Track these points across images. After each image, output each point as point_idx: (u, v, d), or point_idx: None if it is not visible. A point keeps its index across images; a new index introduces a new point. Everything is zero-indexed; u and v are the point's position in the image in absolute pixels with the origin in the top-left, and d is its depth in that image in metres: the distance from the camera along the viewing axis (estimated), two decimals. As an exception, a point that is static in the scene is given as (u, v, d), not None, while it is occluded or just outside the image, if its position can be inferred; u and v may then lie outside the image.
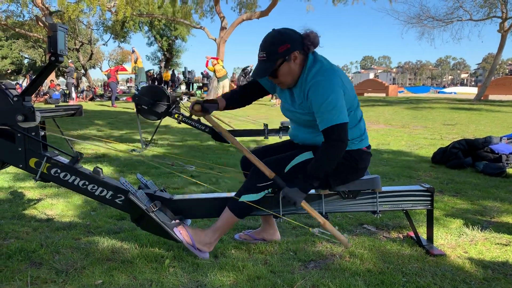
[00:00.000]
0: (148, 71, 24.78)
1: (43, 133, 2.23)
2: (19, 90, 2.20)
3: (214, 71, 13.88)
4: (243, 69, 18.70)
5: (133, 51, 14.61)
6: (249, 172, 2.16)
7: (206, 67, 14.56)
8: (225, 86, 13.47)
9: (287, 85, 2.07)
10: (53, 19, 19.80)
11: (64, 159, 2.23)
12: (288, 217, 2.30)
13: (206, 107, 2.19)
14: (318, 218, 2.06)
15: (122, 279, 1.91)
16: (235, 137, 2.27)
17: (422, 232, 2.47)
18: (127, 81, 36.54)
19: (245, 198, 2.10)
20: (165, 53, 38.89)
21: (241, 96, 2.32)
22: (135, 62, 14.27)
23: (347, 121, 1.93)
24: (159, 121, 5.91)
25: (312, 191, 2.23)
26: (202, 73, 25.39)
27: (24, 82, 31.00)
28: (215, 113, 2.31)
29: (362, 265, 2.08)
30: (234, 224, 2.21)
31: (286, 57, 1.97)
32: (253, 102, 2.41)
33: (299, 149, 2.14)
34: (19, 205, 3.11)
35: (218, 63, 13.96)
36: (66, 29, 2.13)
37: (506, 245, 2.37)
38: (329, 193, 2.22)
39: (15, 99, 2.07)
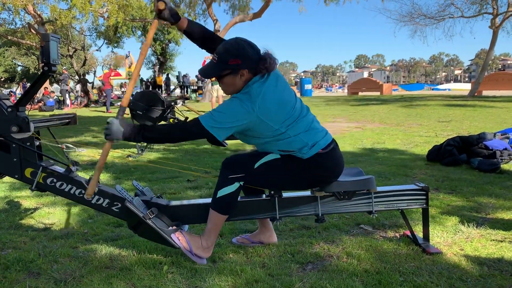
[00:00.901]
0: (146, 80, 24.74)
1: (38, 143, 2.24)
2: (13, 99, 2.20)
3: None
4: None
5: (128, 56, 14.59)
6: (222, 165, 2.18)
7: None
8: (219, 89, 13.45)
9: (228, 93, 2.12)
10: (46, 28, 19.78)
11: (60, 168, 2.23)
12: (285, 219, 2.32)
13: (167, 15, 2.11)
14: (99, 162, 2.05)
15: (121, 287, 1.92)
16: (231, 140, 2.29)
17: (418, 231, 2.49)
18: (121, 86, 36.48)
19: (222, 192, 2.12)
20: (159, 57, 38.84)
21: (204, 35, 2.25)
22: (129, 67, 14.24)
23: (213, 134, 1.96)
24: (154, 126, 5.90)
25: (308, 193, 2.25)
26: (196, 76, 25.40)
27: (18, 90, 30.88)
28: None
29: (360, 266, 2.10)
30: (223, 223, 2.21)
31: (233, 71, 2.01)
32: None
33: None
34: (16, 214, 3.10)
35: None
36: (59, 38, 2.13)
37: (501, 241, 2.39)
38: (325, 194, 2.23)
39: (9, 109, 2.08)
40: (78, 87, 26.51)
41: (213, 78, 8.85)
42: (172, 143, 2.01)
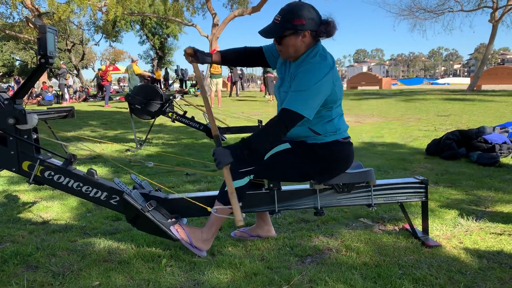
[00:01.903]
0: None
1: (35, 136, 2.22)
2: (11, 93, 2.18)
3: (211, 65, 13.74)
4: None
5: (134, 60, 14.54)
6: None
7: None
8: (218, 84, 13.42)
9: (287, 56, 2.08)
10: (43, 21, 19.68)
11: (58, 162, 2.22)
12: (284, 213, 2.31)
13: (198, 55, 2.17)
14: (229, 188, 2.02)
15: (119, 280, 1.91)
16: (230, 134, 2.28)
17: (418, 224, 2.49)
18: (118, 81, 36.39)
19: None
20: (158, 51, 38.75)
21: (238, 55, 2.31)
22: (132, 62, 14.16)
23: (306, 116, 1.93)
24: (153, 120, 5.90)
25: (307, 186, 2.24)
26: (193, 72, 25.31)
27: (12, 83, 30.78)
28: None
29: (359, 259, 2.09)
30: (226, 216, 2.20)
31: (297, 31, 1.98)
32: (247, 99, 2.40)
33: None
34: (14, 208, 3.09)
35: None
36: (56, 30, 2.11)
37: (500, 234, 2.38)
38: (324, 187, 2.22)
39: (6, 102, 2.06)
40: (77, 81, 26.49)
41: (216, 72, 8.83)
42: (276, 143, 1.99)
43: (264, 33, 2.04)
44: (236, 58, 2.34)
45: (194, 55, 2.18)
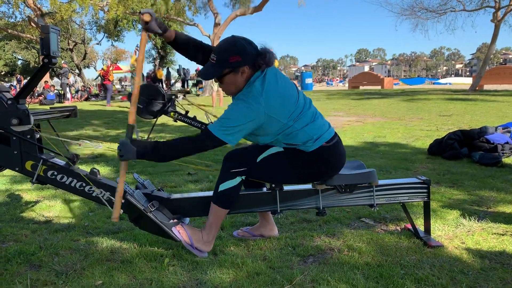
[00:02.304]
0: (147, 74, 24.67)
1: (38, 136, 2.23)
2: (13, 92, 2.19)
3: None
4: None
5: (136, 50, 14.56)
6: (223, 159, 2.17)
7: None
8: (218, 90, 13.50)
9: (229, 93, 2.10)
10: (46, 21, 19.70)
11: (61, 161, 2.23)
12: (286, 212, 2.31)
13: (153, 24, 2.06)
14: (119, 185, 2.05)
15: (122, 279, 1.92)
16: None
17: (420, 224, 2.49)
18: (120, 80, 36.41)
19: (223, 186, 2.11)
20: (159, 50, 38.74)
21: (197, 50, 2.22)
22: (136, 60, 14.21)
23: (227, 143, 1.98)
24: (155, 119, 5.90)
25: (309, 186, 2.25)
26: (196, 70, 25.34)
27: (14, 82, 30.85)
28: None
29: (361, 259, 2.10)
30: (224, 216, 2.21)
31: (234, 69, 1.99)
32: None
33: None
34: (17, 207, 3.10)
35: None
36: (58, 30, 2.12)
37: (503, 235, 2.38)
38: (326, 187, 2.22)
39: (9, 102, 2.07)
40: (79, 80, 26.51)
41: None
42: (186, 156, 2.01)
43: (203, 75, 2.06)
44: (193, 51, 2.23)
45: (150, 23, 2.05)
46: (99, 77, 19.35)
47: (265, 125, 2.00)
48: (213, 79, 2.11)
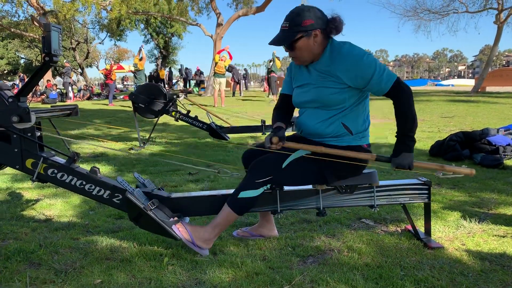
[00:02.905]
0: (150, 73, 24.71)
1: (39, 134, 2.23)
2: (16, 91, 2.19)
3: (216, 64, 13.71)
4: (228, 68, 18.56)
5: (141, 50, 14.57)
6: (249, 168, 2.15)
7: (229, 55, 14.30)
8: (221, 84, 13.49)
9: (302, 61, 2.09)
10: (48, 19, 19.73)
11: (61, 159, 2.23)
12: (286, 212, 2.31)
13: (282, 135, 2.10)
14: (433, 167, 2.06)
15: (121, 278, 1.92)
16: (233, 134, 2.27)
17: (420, 225, 2.48)
18: (122, 80, 36.44)
19: (244, 194, 2.10)
20: (162, 50, 38.82)
21: (284, 113, 2.30)
22: (140, 60, 14.21)
23: (397, 77, 2.00)
24: (156, 119, 5.91)
25: (309, 186, 2.24)
26: (198, 70, 25.34)
27: (17, 81, 30.94)
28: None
29: (360, 259, 2.09)
30: (233, 221, 2.21)
31: (307, 33, 1.99)
32: (251, 99, 2.41)
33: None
34: (17, 206, 3.11)
35: (225, 60, 13.81)
36: (60, 28, 2.12)
37: (503, 237, 2.38)
38: (326, 188, 2.22)
39: (10, 100, 2.07)
40: (81, 79, 26.52)
41: (221, 71, 8.86)
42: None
43: (276, 42, 2.05)
44: (287, 117, 2.29)
45: (280, 140, 2.07)
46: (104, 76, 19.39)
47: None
48: (214, 79, 2.11)
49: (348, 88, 2.02)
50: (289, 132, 2.30)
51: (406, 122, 2.01)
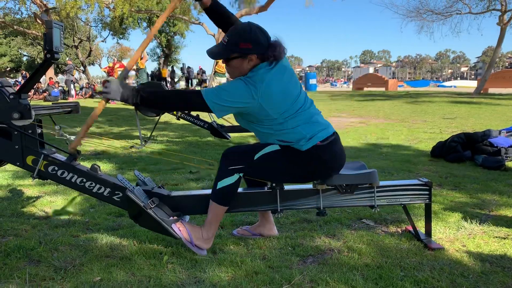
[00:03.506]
0: (152, 72, 24.72)
1: (40, 131, 2.23)
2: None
3: (217, 63, 13.72)
4: None
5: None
6: (221, 158, 2.17)
7: None
8: (221, 83, 13.50)
9: (233, 76, 2.11)
10: (50, 16, 19.76)
11: (62, 157, 2.23)
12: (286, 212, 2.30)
13: None
14: (90, 119, 2.17)
15: (120, 276, 1.92)
16: (234, 133, 2.27)
17: (421, 226, 2.47)
18: (124, 78, 36.42)
19: (221, 184, 2.11)
20: (164, 49, 38.81)
21: (225, 18, 2.27)
22: (141, 58, 14.24)
23: (211, 109, 1.97)
24: (158, 117, 5.91)
25: (310, 186, 2.24)
26: (200, 69, 25.36)
27: (20, 78, 31.00)
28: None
29: (360, 260, 2.08)
30: (223, 214, 2.20)
31: (242, 55, 2.00)
32: None
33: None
34: (18, 202, 3.11)
35: None
36: (62, 26, 2.12)
37: (504, 238, 2.37)
38: (327, 188, 2.21)
39: (11, 96, 2.07)
40: (84, 77, 26.56)
41: (221, 71, 8.86)
42: (168, 110, 2.06)
43: (211, 54, 2.09)
44: (223, 23, 2.26)
45: None
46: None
47: (255, 113, 2.01)
48: (215, 77, 2.13)
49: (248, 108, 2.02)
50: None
51: (159, 94, 2.07)
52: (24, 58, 42.10)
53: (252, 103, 1.96)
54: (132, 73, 14.31)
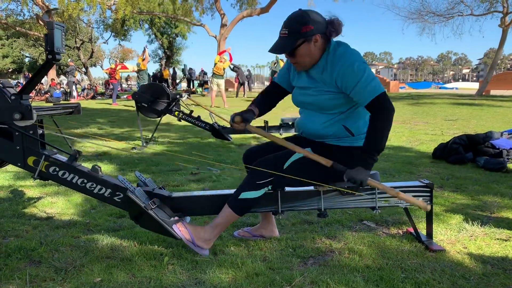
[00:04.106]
0: (153, 73, 24.75)
1: (41, 132, 2.23)
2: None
3: (215, 65, 13.73)
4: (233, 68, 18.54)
5: (145, 50, 14.62)
6: (251, 169, 2.15)
7: (229, 56, 14.49)
8: (220, 85, 13.58)
9: (303, 66, 2.08)
10: (52, 18, 19.80)
11: (63, 157, 2.23)
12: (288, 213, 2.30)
13: (246, 117, 2.15)
14: (389, 192, 2.05)
15: (121, 277, 1.92)
16: (236, 134, 2.27)
17: (422, 228, 2.47)
18: (126, 79, 36.52)
19: (245, 195, 2.09)
20: (166, 50, 38.89)
21: (266, 101, 2.33)
22: (143, 60, 14.24)
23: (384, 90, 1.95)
24: (159, 118, 5.91)
25: (311, 187, 2.23)
26: (202, 71, 25.39)
27: (22, 79, 31.06)
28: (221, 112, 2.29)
29: (361, 261, 2.08)
30: (233, 221, 2.21)
31: (308, 38, 1.98)
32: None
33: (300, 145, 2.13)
34: (19, 203, 3.11)
35: (224, 61, 13.85)
36: (63, 27, 2.12)
37: (505, 240, 2.36)
38: (328, 189, 2.21)
39: (12, 97, 2.07)
40: (85, 79, 26.59)
41: (219, 73, 8.88)
42: (390, 127, 2.01)
43: (276, 50, 2.03)
44: (267, 106, 2.33)
45: (243, 120, 2.13)
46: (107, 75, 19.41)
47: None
48: (212, 79, 2.12)
49: (343, 94, 2.01)
50: (290, 133, 2.31)
51: (375, 139, 1.95)
52: (26, 60, 42.18)
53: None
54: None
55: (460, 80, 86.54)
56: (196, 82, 25.77)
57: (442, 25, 21.79)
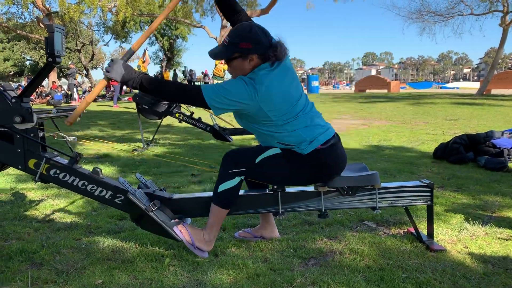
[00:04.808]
0: (154, 75, 24.77)
1: (42, 134, 2.24)
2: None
3: (215, 66, 13.75)
4: None
5: (145, 52, 14.65)
6: (221, 161, 2.17)
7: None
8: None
9: (234, 77, 2.10)
10: (53, 20, 19.83)
11: (64, 160, 2.24)
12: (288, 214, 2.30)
13: None
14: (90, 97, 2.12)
15: (122, 279, 1.92)
16: (236, 135, 2.27)
17: (423, 228, 2.47)
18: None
19: (222, 187, 2.12)
20: (166, 52, 38.94)
21: (232, 8, 2.28)
22: (143, 62, 14.27)
23: (206, 98, 1.95)
24: (160, 120, 5.92)
25: (311, 188, 2.24)
26: (202, 72, 25.40)
27: (23, 82, 31.13)
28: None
29: (362, 262, 2.08)
30: (224, 217, 2.20)
31: (243, 55, 1.99)
32: None
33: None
34: (20, 206, 3.12)
35: (224, 63, 13.89)
36: (63, 30, 2.13)
37: (507, 240, 2.36)
38: (328, 189, 2.21)
39: (13, 100, 2.08)
40: (86, 81, 26.63)
41: (219, 75, 8.90)
42: (165, 99, 2.05)
43: (213, 54, 2.09)
44: (231, 14, 2.29)
45: None
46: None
47: (253, 114, 2.01)
48: (213, 81, 2.13)
49: (252, 108, 2.00)
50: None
51: (160, 83, 2.03)
52: (27, 62, 42.27)
53: (251, 104, 1.95)
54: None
55: (461, 80, 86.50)
56: (197, 84, 25.81)
57: (442, 25, 21.84)
